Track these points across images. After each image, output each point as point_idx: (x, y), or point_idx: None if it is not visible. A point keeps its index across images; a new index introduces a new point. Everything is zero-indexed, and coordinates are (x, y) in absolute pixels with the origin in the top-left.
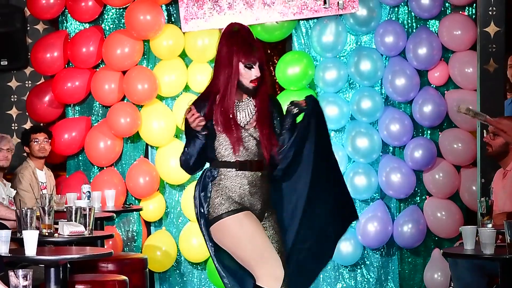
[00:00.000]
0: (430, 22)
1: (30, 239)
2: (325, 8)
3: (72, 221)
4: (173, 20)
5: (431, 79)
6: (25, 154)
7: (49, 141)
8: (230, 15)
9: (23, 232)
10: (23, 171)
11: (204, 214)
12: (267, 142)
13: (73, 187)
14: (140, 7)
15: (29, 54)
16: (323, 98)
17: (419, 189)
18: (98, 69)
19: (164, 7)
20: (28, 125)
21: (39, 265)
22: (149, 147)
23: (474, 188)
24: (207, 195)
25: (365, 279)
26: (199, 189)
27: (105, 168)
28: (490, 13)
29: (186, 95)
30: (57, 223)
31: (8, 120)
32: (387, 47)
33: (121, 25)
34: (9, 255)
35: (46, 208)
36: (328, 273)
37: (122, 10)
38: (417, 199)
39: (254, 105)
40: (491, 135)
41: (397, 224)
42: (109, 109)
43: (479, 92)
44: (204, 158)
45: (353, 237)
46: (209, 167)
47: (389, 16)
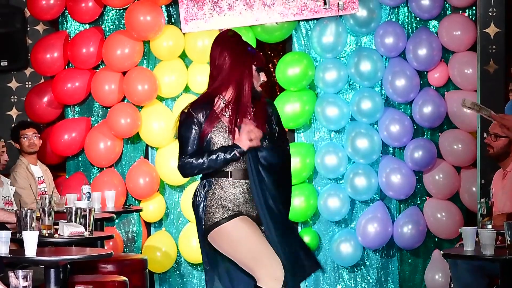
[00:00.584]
0: (430, 22)
1: (30, 239)
2: (325, 9)
3: (72, 222)
4: (173, 21)
5: (430, 80)
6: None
7: (39, 135)
8: (230, 16)
9: (23, 233)
10: (16, 169)
11: (201, 223)
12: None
13: (73, 188)
14: (140, 8)
15: (29, 54)
16: (323, 98)
17: (419, 190)
18: (98, 70)
19: (164, 8)
20: None
21: (39, 266)
22: (149, 148)
23: (474, 189)
24: (204, 204)
25: (365, 280)
26: (196, 197)
27: (105, 169)
28: (490, 14)
29: (186, 96)
30: (57, 223)
31: (8, 121)
32: (387, 48)
33: (121, 25)
34: (9, 255)
35: (46, 209)
36: (328, 274)
37: (122, 11)
38: (417, 200)
39: (253, 108)
40: (492, 136)
41: (397, 225)
42: (109, 109)
43: (479, 93)
44: None
45: (353, 238)
46: (205, 176)
47: (389, 17)
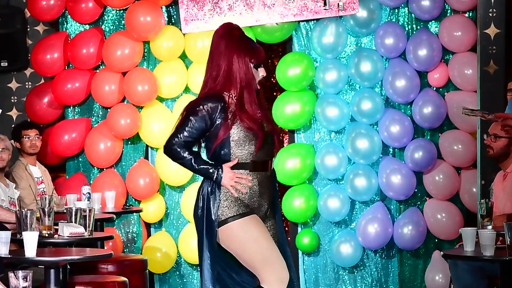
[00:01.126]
0: (430, 23)
1: (30, 240)
2: (325, 9)
3: (72, 222)
4: (173, 21)
5: (431, 81)
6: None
7: (40, 137)
8: (230, 16)
9: (23, 233)
10: (16, 170)
11: (210, 217)
12: (277, 138)
13: (73, 188)
14: (140, 8)
15: (29, 55)
16: (323, 99)
17: (419, 190)
18: (98, 70)
19: (164, 9)
20: None
21: (39, 266)
22: (149, 149)
23: (474, 189)
24: (216, 198)
25: (365, 281)
26: (207, 191)
27: (105, 169)
28: (490, 14)
29: (186, 97)
30: (57, 224)
31: (8, 121)
32: (387, 49)
33: (121, 26)
34: (9, 256)
35: (46, 209)
36: (328, 275)
37: (122, 11)
38: (417, 200)
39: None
40: (492, 137)
41: (397, 226)
42: (109, 110)
43: (479, 93)
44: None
45: (353, 238)
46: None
47: (389, 17)
